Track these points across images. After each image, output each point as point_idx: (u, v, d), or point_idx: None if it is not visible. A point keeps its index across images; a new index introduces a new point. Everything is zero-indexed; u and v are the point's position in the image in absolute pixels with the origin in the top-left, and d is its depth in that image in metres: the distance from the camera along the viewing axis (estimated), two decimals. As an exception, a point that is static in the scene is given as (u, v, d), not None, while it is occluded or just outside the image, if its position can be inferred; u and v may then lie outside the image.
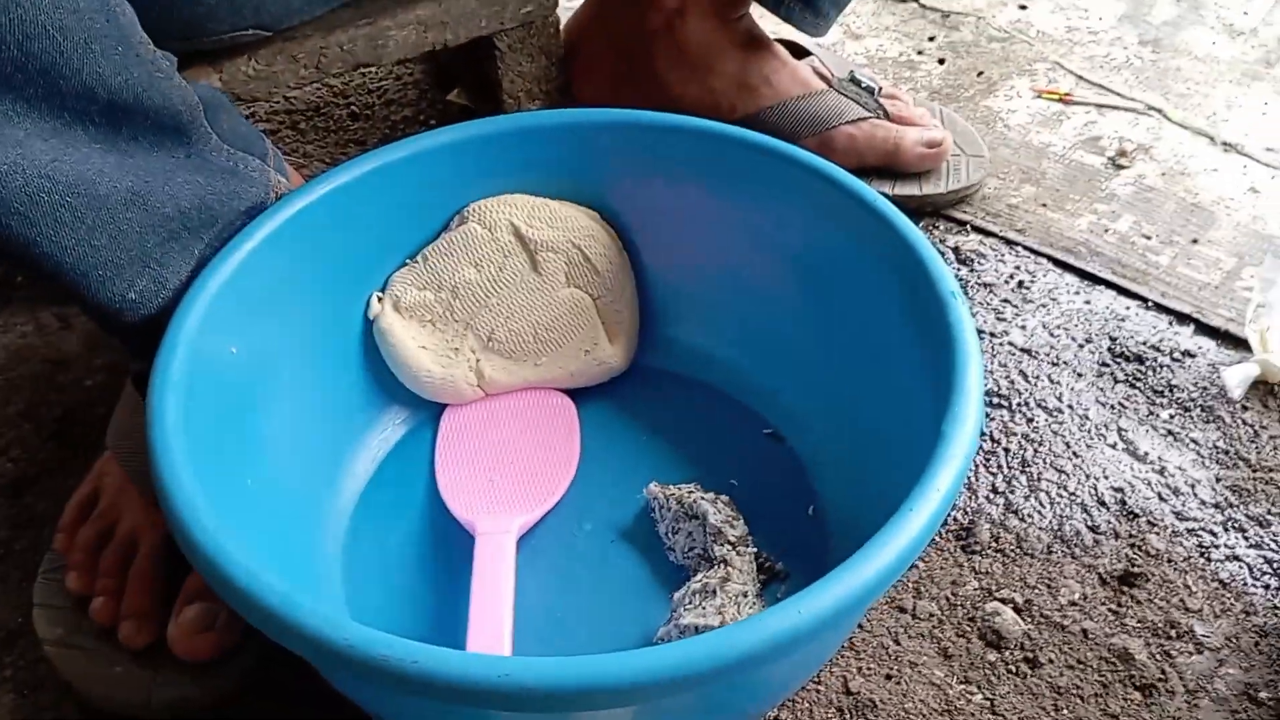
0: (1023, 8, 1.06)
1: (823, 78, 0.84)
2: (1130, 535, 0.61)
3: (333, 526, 0.59)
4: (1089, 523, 0.62)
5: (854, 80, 0.83)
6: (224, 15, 0.66)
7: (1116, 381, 0.70)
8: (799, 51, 0.86)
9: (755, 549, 0.56)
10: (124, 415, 0.61)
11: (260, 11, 0.66)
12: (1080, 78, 0.97)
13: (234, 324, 0.54)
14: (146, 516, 0.58)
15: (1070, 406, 0.69)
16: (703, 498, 0.57)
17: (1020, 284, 0.78)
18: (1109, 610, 0.58)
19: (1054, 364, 0.72)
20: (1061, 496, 0.63)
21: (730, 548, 0.54)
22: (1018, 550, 0.61)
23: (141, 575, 0.56)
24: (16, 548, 0.62)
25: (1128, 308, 0.76)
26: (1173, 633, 0.56)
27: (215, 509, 0.44)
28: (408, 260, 0.64)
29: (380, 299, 0.63)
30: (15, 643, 0.58)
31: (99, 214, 0.49)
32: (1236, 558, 0.60)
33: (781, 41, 0.85)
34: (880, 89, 0.84)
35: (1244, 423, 0.67)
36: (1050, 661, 0.55)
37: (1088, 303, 0.76)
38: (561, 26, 0.80)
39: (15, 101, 0.44)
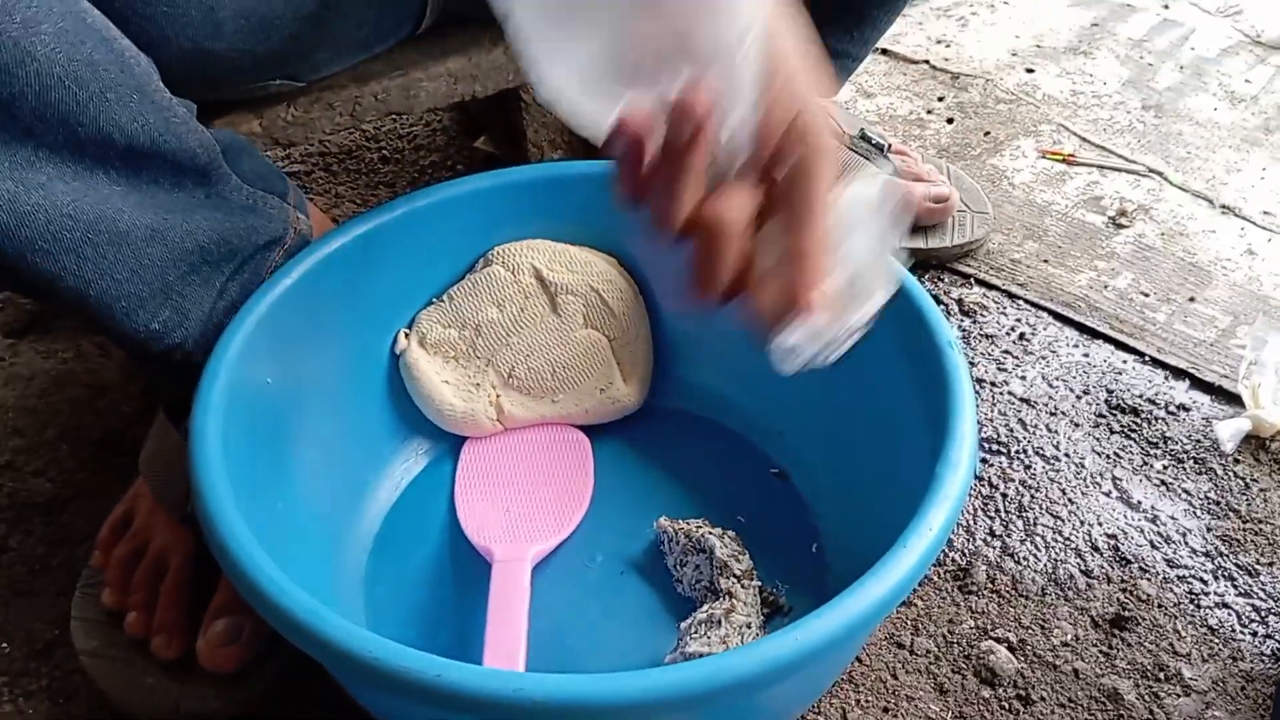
0: (1030, 71, 1.10)
1: (834, 134, 0.87)
2: (1122, 580, 0.63)
3: (356, 550, 0.62)
4: (1082, 567, 0.64)
5: (864, 137, 0.87)
6: (248, 70, 0.70)
7: (1112, 432, 0.73)
8: (812, 108, 0.90)
9: (760, 583, 0.58)
10: (155, 442, 0.64)
11: (285, 66, 0.70)
12: (1084, 140, 1.00)
13: (270, 355, 0.57)
14: (176, 537, 0.61)
15: (1067, 455, 0.71)
16: (710, 533, 0.59)
17: (1021, 336, 0.80)
18: (1100, 652, 0.60)
19: (1052, 414, 0.74)
20: (1057, 541, 0.66)
21: (736, 581, 0.57)
22: (1013, 592, 0.63)
23: (172, 592, 0.59)
24: (53, 563, 0.65)
25: (1125, 362, 0.78)
26: (1161, 675, 0.58)
27: (250, 529, 0.47)
28: (434, 299, 0.67)
29: (407, 335, 0.66)
30: (52, 653, 0.60)
31: (120, 249, 0.52)
32: (1226, 605, 0.62)
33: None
34: (890, 146, 0.87)
35: (1235, 475, 0.69)
36: (1042, 699, 0.57)
37: (1086, 356, 0.79)
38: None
39: (37, 149, 0.47)
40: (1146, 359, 0.78)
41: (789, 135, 0.41)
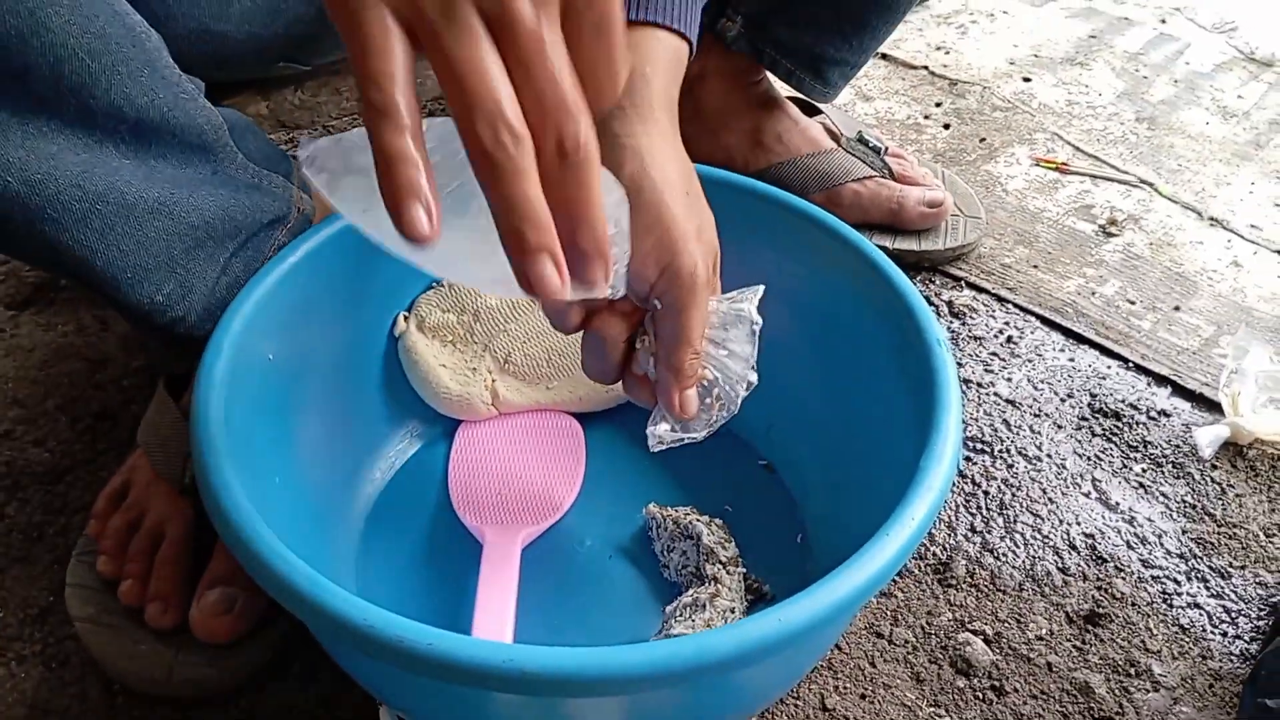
0: (1027, 80, 1.12)
1: (833, 136, 0.89)
2: (1098, 578, 0.65)
3: (349, 527, 0.63)
4: (1059, 564, 0.66)
5: (862, 140, 0.88)
6: (254, 52, 0.71)
7: (1094, 435, 0.74)
8: (811, 109, 0.91)
9: (745, 570, 0.59)
10: (154, 414, 0.65)
11: (290, 50, 0.71)
12: (1077, 149, 1.02)
13: (273, 332, 0.58)
14: (173, 508, 0.62)
15: (1049, 456, 0.73)
16: (698, 520, 0.60)
17: (1009, 339, 0.82)
18: (1073, 647, 0.61)
19: (1036, 415, 0.76)
20: (1035, 539, 0.67)
21: (721, 567, 0.58)
22: (991, 586, 0.64)
23: (167, 561, 0.60)
24: (49, 532, 0.66)
25: (1109, 367, 0.80)
26: (1132, 671, 0.60)
27: (250, 500, 0.48)
28: (434, 284, 0.68)
29: (406, 318, 0.67)
30: (45, 620, 0.61)
31: (127, 221, 0.53)
32: (1197, 605, 0.64)
33: (794, 100, 0.90)
34: (886, 149, 0.89)
35: (1212, 480, 0.71)
36: (1015, 690, 0.59)
37: (1071, 360, 0.80)
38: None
39: (49, 119, 0.49)
40: (1130, 365, 0.80)
41: (661, 279, 0.46)
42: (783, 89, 0.88)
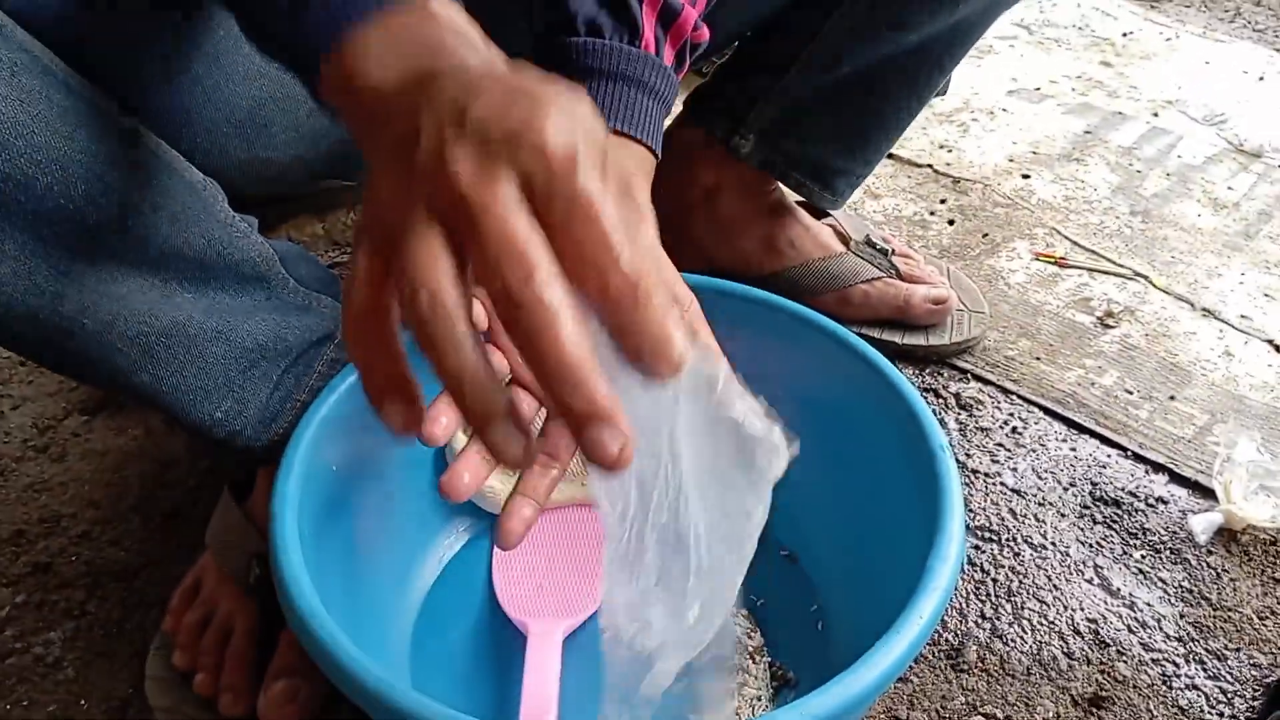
0: (1026, 177, 1.18)
1: (842, 239, 0.95)
2: (1101, 662, 0.69)
3: (403, 620, 0.68)
4: (1065, 649, 0.70)
5: (869, 243, 0.94)
6: (300, 171, 0.77)
7: (1095, 523, 0.79)
8: (820, 213, 0.98)
9: (770, 658, 0.64)
10: (220, 519, 0.71)
11: (332, 168, 0.77)
12: (1075, 243, 1.08)
13: (335, 445, 0.63)
14: (241, 605, 0.67)
15: (1053, 544, 0.77)
16: (725, 611, 0.65)
17: (1014, 430, 0.87)
18: (1079, 729, 0.65)
19: (1041, 504, 0.80)
20: (1042, 624, 0.72)
21: (749, 657, 0.63)
22: (1001, 670, 0.69)
23: (237, 655, 0.66)
24: (128, 627, 0.71)
25: (1109, 456, 0.85)
26: (1134, 751, 0.64)
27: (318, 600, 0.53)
28: (478, 391, 0.74)
29: (453, 424, 0.73)
30: (127, 710, 0.66)
31: (189, 350, 0.59)
32: (1195, 687, 0.68)
33: (802, 204, 0.96)
34: (893, 250, 0.95)
35: (1208, 565, 0.75)
36: (1025, 772, 0.63)
37: (1073, 450, 0.85)
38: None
39: (119, 265, 0.54)
40: (1129, 454, 0.85)
41: None
42: (794, 196, 0.95)
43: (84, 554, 0.76)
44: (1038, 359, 0.94)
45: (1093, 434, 0.86)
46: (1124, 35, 1.50)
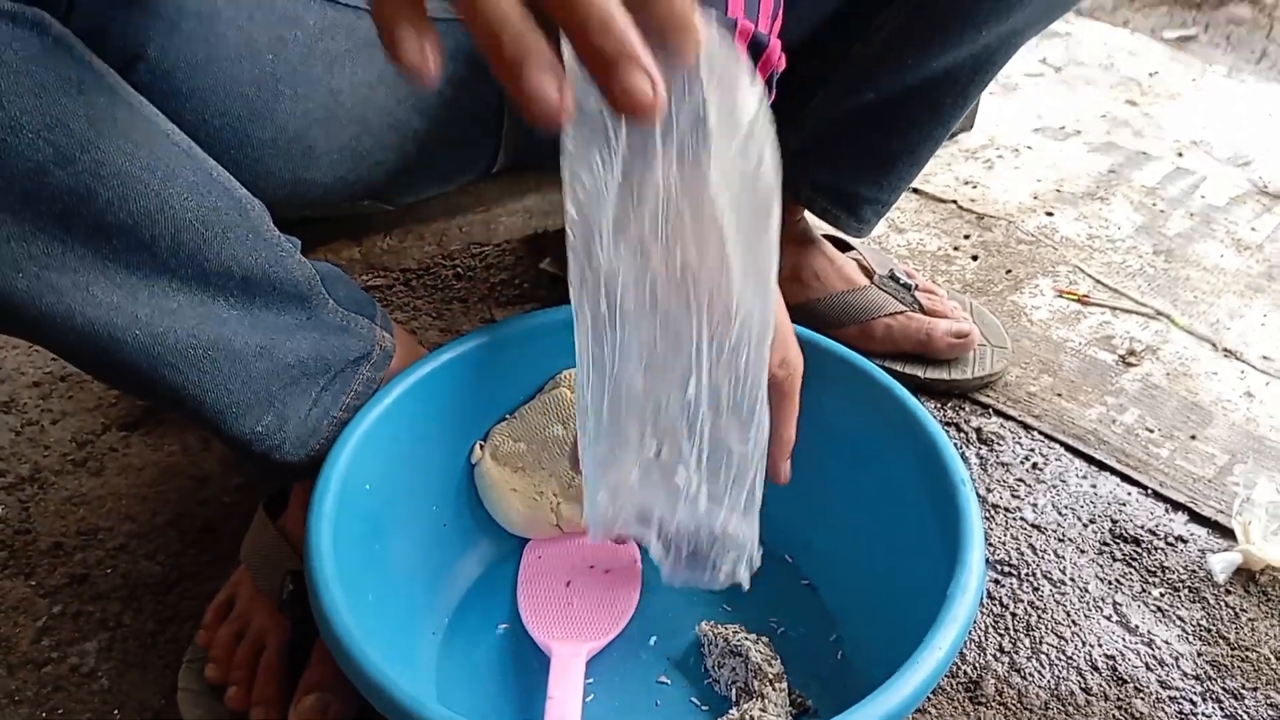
0: (1049, 214, 1.19)
1: (866, 272, 0.97)
2: (1118, 699, 0.70)
3: (429, 639, 0.70)
4: (1082, 685, 0.70)
5: (893, 277, 0.96)
6: (341, 193, 0.80)
7: (1115, 560, 0.80)
8: (844, 245, 0.99)
9: (789, 686, 0.65)
10: (255, 535, 0.72)
11: (373, 192, 0.79)
12: (1098, 281, 1.09)
13: (370, 465, 0.65)
14: (274, 621, 0.69)
15: (1072, 580, 0.78)
16: (746, 638, 0.66)
17: (1034, 465, 0.88)
18: (1095, 764, 0.66)
19: (1060, 540, 0.81)
20: (1060, 660, 0.72)
21: (768, 684, 0.64)
22: (1018, 705, 0.69)
23: (269, 669, 0.67)
24: (162, 639, 0.73)
25: (1129, 494, 0.85)
26: (1150, 788, 0.64)
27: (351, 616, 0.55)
28: (506, 415, 0.76)
29: (482, 447, 0.74)
30: (159, 721, 0.68)
31: (234, 365, 0.61)
32: (1212, 726, 0.68)
33: (828, 237, 0.98)
34: (917, 285, 0.96)
35: (1226, 605, 0.76)
36: (1041, 805, 0.63)
37: (1094, 487, 0.86)
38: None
39: (170, 280, 0.56)
40: (1149, 492, 0.85)
41: (781, 368, 0.62)
42: (820, 227, 0.96)
43: (120, 567, 0.78)
44: (1059, 395, 0.95)
45: (1113, 471, 0.87)
46: (1150, 75, 1.52)
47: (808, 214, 0.95)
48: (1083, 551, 0.80)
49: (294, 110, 0.67)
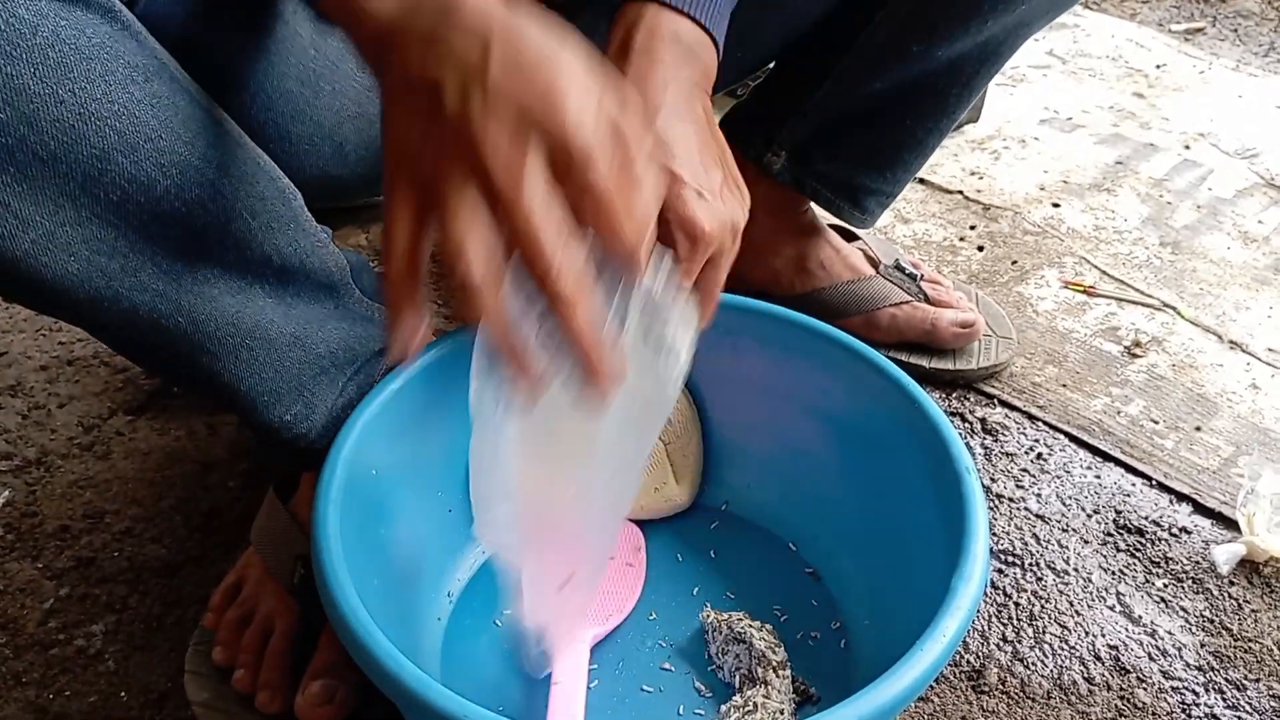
0: (1056, 206, 1.19)
1: (871, 262, 0.96)
2: (1121, 689, 0.70)
3: (433, 624, 0.70)
4: (1085, 674, 0.71)
5: (899, 267, 0.96)
6: (365, 186, 0.80)
7: (1118, 550, 0.80)
8: (850, 235, 0.99)
9: (792, 673, 0.65)
10: (265, 518, 0.73)
11: None
12: (1104, 272, 1.09)
13: (376, 450, 0.65)
14: (282, 604, 0.69)
15: (1076, 570, 0.78)
16: (750, 625, 0.66)
17: (1039, 455, 0.88)
18: (1097, 753, 0.66)
19: (1064, 530, 0.81)
20: (1063, 649, 0.72)
21: (772, 671, 0.64)
22: (1021, 694, 0.70)
23: (276, 653, 0.67)
24: (168, 622, 0.73)
25: (1133, 484, 0.85)
26: (1152, 777, 0.65)
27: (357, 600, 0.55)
28: (513, 402, 0.76)
29: (488, 434, 0.74)
30: (164, 704, 0.68)
31: (269, 353, 0.62)
32: (1214, 716, 0.68)
33: (834, 226, 0.98)
34: (922, 275, 0.96)
35: (1229, 596, 0.76)
36: (1043, 794, 0.64)
37: (1098, 477, 0.86)
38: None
39: (216, 267, 0.57)
40: (1153, 483, 0.85)
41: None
42: (826, 216, 0.96)
43: (126, 550, 0.78)
44: (1064, 386, 0.95)
45: (1118, 462, 0.87)
46: (1157, 67, 1.51)
47: (813, 206, 0.95)
48: (1086, 542, 0.80)
49: (331, 105, 0.68)
